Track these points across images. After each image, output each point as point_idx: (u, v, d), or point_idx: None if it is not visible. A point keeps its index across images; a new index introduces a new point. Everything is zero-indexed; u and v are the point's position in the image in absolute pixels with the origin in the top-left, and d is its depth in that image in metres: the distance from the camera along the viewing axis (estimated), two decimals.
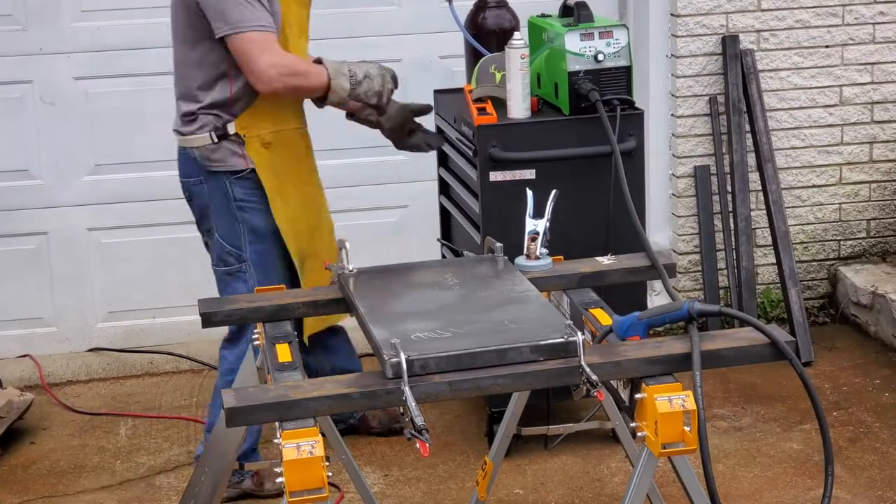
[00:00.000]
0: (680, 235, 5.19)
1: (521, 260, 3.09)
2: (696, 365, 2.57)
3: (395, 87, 3.95)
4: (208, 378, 5.00)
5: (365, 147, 5.19)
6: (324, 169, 5.16)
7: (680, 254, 5.19)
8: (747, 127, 5.09)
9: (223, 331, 4.78)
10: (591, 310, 2.93)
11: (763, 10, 5.08)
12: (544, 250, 3.10)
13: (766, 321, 5.10)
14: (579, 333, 2.54)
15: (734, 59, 5.05)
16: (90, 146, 5.04)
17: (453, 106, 4.42)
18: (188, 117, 3.83)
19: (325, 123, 5.15)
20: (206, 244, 4.06)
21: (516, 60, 4.03)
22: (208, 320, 2.98)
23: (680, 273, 5.18)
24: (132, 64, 5.00)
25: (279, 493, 3.58)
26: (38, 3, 4.91)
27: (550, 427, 4.14)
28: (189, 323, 5.01)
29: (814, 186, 5.24)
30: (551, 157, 4.08)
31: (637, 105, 4.16)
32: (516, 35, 4.10)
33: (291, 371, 2.67)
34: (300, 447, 2.35)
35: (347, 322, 3.08)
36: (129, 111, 5.04)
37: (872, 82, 5.19)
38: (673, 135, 5.17)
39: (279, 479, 2.36)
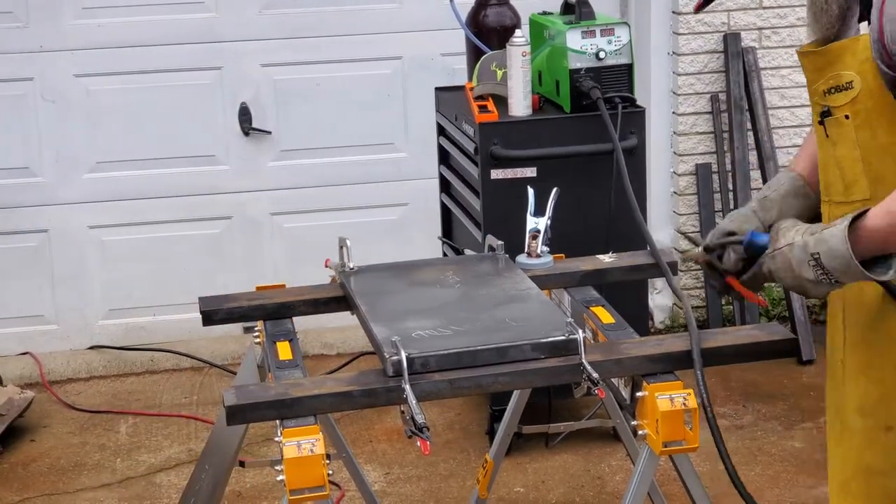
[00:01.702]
0: (681, 233, 5.18)
1: (522, 258, 3.09)
2: (697, 364, 2.56)
3: None
4: (209, 376, 5.00)
5: (365, 145, 5.19)
6: (325, 167, 5.19)
7: (681, 252, 5.18)
8: (749, 125, 5.08)
9: (224, 328, 4.78)
10: (592, 308, 2.93)
11: (764, 8, 5.08)
12: (545, 248, 3.09)
13: (769, 319, 5.09)
14: (580, 331, 2.53)
15: (736, 56, 5.05)
16: (91, 144, 5.04)
17: (454, 104, 4.42)
18: None
19: (324, 122, 5.17)
20: None
21: (517, 58, 4.03)
22: (209, 318, 2.98)
23: (681, 271, 5.17)
24: (133, 61, 5.00)
25: None
26: (39, 1, 4.90)
27: (551, 425, 4.14)
28: (190, 321, 5.01)
29: None
30: (552, 155, 4.08)
31: (638, 103, 4.15)
32: (518, 33, 4.10)
33: (292, 369, 2.67)
34: (301, 445, 2.34)
35: (348, 320, 3.07)
36: (130, 109, 5.03)
37: None
38: (674, 132, 5.16)
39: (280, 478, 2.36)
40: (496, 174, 4.07)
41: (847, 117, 2.26)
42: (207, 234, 5.17)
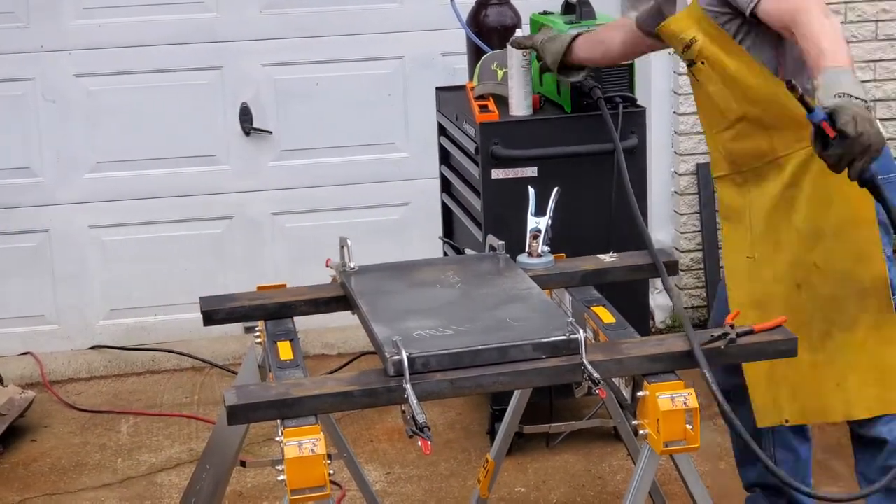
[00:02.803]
0: (682, 233, 5.19)
1: (522, 258, 3.09)
2: (701, 364, 2.56)
3: None
4: (209, 376, 5.00)
5: (366, 145, 5.19)
6: (326, 167, 5.20)
7: (682, 251, 5.18)
8: None
9: (225, 328, 4.77)
10: (592, 307, 2.93)
11: None
12: (546, 248, 3.09)
13: None
14: (581, 331, 2.53)
15: None
16: (91, 144, 5.04)
17: (455, 103, 4.42)
18: None
19: (325, 122, 5.17)
20: None
21: (518, 58, 4.03)
22: (210, 318, 2.98)
23: (682, 271, 5.17)
24: (134, 61, 5.00)
25: None
26: (40, 1, 4.90)
27: (552, 425, 4.14)
28: (190, 321, 5.01)
29: None
30: (553, 155, 4.08)
31: (639, 102, 4.15)
32: (518, 32, 4.09)
33: (293, 369, 2.67)
34: (302, 445, 2.35)
35: (349, 320, 3.07)
36: (130, 109, 5.03)
37: (875, 80, 5.18)
38: (675, 132, 5.16)
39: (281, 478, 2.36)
40: (497, 174, 4.07)
41: (703, 63, 2.99)
42: (208, 234, 5.17)
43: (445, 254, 4.62)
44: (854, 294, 3.02)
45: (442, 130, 4.63)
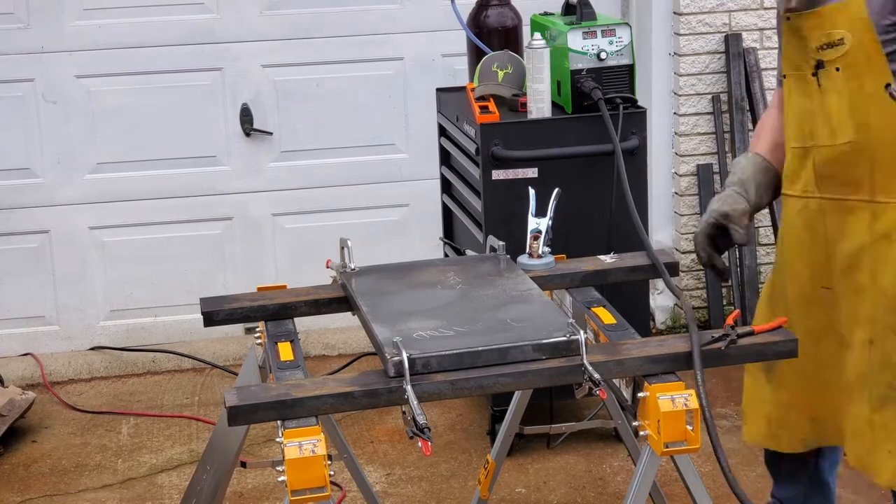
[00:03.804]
0: (682, 234, 5.19)
1: (523, 258, 3.09)
2: (697, 364, 2.56)
3: None
4: (210, 377, 5.00)
5: (366, 146, 5.19)
6: (326, 168, 5.20)
7: (682, 252, 5.18)
8: (750, 125, 5.08)
9: (225, 329, 4.77)
10: (593, 308, 2.93)
11: (765, 9, 5.07)
12: (546, 249, 3.09)
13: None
14: (581, 332, 2.53)
15: (737, 57, 5.05)
16: (92, 145, 5.04)
17: (455, 104, 4.42)
18: None
19: (325, 123, 5.17)
20: None
21: (545, 59, 3.98)
22: (210, 319, 2.98)
23: (682, 272, 5.17)
24: (134, 62, 5.00)
25: None
26: (41, 1, 4.91)
27: (553, 426, 4.14)
28: (191, 322, 5.02)
29: None
30: (554, 156, 4.08)
31: (639, 103, 4.15)
32: (536, 35, 4.07)
33: (293, 369, 2.67)
34: (302, 446, 2.35)
35: (349, 321, 3.07)
36: (130, 110, 5.03)
37: None
38: (675, 133, 5.16)
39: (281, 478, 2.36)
40: (497, 175, 4.07)
41: (837, 70, 2.60)
42: (208, 235, 5.17)
43: (446, 255, 4.62)
44: None
45: (442, 131, 4.63)
